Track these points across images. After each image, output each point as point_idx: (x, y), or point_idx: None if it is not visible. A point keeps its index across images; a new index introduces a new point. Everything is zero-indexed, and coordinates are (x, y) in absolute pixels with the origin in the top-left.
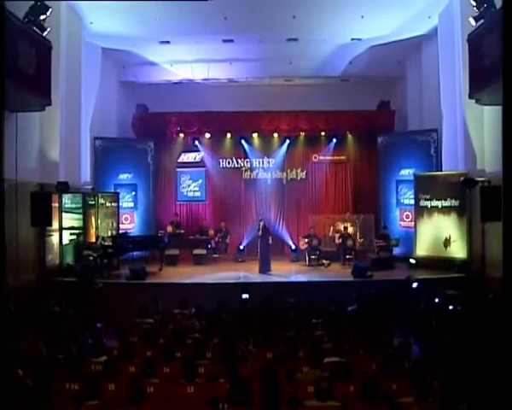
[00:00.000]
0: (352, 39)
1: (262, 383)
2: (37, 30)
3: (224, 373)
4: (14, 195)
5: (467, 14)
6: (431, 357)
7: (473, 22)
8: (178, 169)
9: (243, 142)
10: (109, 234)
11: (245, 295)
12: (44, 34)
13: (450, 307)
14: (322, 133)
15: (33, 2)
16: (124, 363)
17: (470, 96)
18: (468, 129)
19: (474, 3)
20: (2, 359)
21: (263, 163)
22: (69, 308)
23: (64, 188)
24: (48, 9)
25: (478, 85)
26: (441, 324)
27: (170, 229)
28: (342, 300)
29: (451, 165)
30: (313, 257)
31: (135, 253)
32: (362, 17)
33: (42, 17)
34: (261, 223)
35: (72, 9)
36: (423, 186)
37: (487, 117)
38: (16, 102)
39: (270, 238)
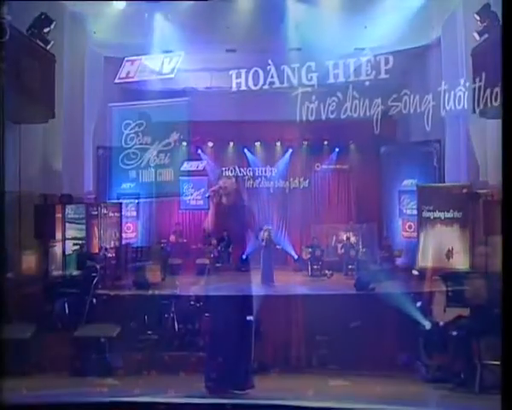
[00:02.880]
0: (355, 49)
1: None
2: (40, 43)
3: None
4: (18, 206)
5: (470, 26)
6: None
7: (477, 37)
8: (181, 178)
9: (246, 151)
10: (112, 244)
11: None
12: (48, 47)
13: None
14: (325, 142)
15: (37, 15)
16: (128, 385)
17: (474, 111)
18: (471, 140)
19: (478, 17)
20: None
21: (265, 172)
22: (72, 321)
23: (67, 200)
24: (52, 22)
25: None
26: (444, 339)
27: (172, 238)
28: (345, 314)
29: (454, 176)
30: (316, 267)
31: (137, 262)
32: (365, 27)
33: (45, 30)
34: (265, 233)
35: (76, 20)
36: (426, 197)
37: (491, 128)
38: (19, 115)
39: (279, 247)
